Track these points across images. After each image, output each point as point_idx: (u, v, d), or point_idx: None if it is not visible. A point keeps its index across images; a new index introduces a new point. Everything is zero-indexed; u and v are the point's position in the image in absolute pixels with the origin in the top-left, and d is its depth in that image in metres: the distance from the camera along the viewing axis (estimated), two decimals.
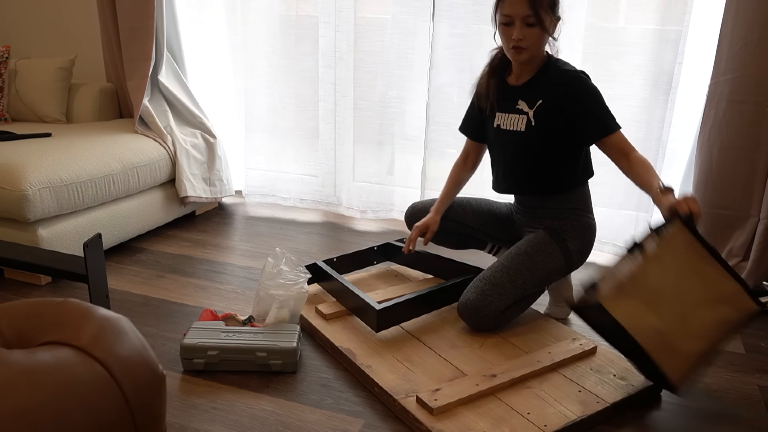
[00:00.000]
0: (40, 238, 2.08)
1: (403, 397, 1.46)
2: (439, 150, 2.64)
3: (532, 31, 1.67)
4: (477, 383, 1.49)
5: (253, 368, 1.63)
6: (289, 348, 1.61)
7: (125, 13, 2.68)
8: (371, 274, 2.19)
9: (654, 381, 1.52)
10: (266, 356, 1.61)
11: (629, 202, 2.42)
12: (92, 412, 1.00)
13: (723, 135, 2.11)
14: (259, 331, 1.66)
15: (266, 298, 1.73)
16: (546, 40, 1.73)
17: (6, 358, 0.98)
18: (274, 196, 3.05)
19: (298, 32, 2.78)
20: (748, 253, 2.13)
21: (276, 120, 2.94)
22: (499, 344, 1.72)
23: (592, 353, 1.70)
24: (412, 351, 1.68)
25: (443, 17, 2.48)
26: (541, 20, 1.66)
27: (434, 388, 1.46)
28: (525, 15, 1.65)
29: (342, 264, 2.13)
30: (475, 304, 1.73)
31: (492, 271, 1.77)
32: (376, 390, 1.53)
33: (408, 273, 2.22)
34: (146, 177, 2.49)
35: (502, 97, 1.85)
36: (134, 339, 1.15)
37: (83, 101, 2.96)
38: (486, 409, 1.42)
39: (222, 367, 1.63)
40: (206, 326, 1.69)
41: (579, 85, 1.71)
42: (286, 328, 1.68)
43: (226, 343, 1.61)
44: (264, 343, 1.61)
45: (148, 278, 2.21)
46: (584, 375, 1.59)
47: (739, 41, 2.02)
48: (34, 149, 2.22)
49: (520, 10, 1.65)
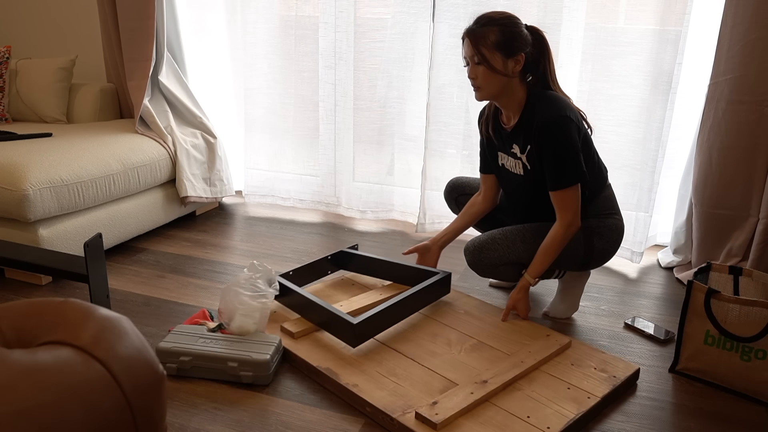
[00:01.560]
0: (41, 238, 2.08)
1: (401, 415, 1.41)
2: (439, 150, 2.65)
3: (480, 69, 1.73)
4: (471, 392, 1.47)
5: (225, 378, 1.58)
6: (261, 360, 1.54)
7: (125, 14, 2.68)
8: (327, 284, 2.10)
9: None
10: (237, 367, 1.54)
11: (629, 202, 2.43)
12: (93, 412, 1.00)
13: (722, 135, 2.11)
14: (237, 340, 1.61)
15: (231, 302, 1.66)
16: (500, 79, 1.73)
17: (6, 358, 0.98)
18: (274, 197, 3.05)
19: (298, 32, 2.78)
20: (747, 253, 2.14)
21: (276, 120, 2.94)
22: (478, 348, 1.71)
23: (568, 347, 1.73)
24: (394, 364, 1.62)
25: (443, 17, 2.49)
26: (485, 59, 1.70)
27: (431, 402, 1.42)
28: (471, 54, 1.73)
29: (299, 277, 2.01)
30: (482, 244, 1.82)
31: (511, 228, 1.84)
32: (367, 410, 1.47)
33: (364, 281, 2.15)
34: (146, 177, 2.49)
35: (500, 139, 1.90)
36: (135, 339, 1.15)
37: (84, 101, 2.97)
38: (486, 418, 1.41)
39: (194, 373, 1.59)
40: (187, 330, 1.65)
41: (546, 136, 1.70)
42: (265, 339, 1.62)
43: (200, 350, 1.57)
44: (237, 353, 1.55)
45: (148, 278, 2.22)
46: (567, 371, 1.61)
47: (739, 41, 2.02)
48: (35, 149, 2.22)
49: (467, 51, 1.74)
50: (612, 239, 1.83)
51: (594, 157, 1.82)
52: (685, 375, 1.69)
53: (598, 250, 1.82)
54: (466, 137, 2.60)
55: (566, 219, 1.74)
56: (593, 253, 1.82)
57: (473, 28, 1.72)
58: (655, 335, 1.87)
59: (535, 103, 1.75)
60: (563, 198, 1.73)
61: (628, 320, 1.97)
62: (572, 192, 1.73)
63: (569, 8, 2.31)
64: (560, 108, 1.71)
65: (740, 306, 1.56)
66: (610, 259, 1.87)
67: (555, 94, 1.76)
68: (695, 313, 1.63)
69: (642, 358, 1.77)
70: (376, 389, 1.51)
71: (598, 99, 2.38)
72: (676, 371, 1.70)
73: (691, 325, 1.65)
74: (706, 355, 1.62)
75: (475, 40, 1.70)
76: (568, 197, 1.73)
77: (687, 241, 2.36)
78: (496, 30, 1.69)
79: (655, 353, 1.80)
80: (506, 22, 1.71)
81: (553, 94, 1.76)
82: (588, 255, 1.82)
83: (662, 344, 1.85)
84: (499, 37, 1.69)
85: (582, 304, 2.09)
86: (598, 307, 2.08)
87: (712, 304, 1.60)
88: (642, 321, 1.96)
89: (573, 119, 1.71)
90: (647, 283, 2.29)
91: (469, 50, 1.73)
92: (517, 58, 1.72)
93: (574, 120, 1.71)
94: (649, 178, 2.33)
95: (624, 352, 1.80)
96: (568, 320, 1.97)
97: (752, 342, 1.54)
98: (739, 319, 1.56)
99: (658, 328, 1.92)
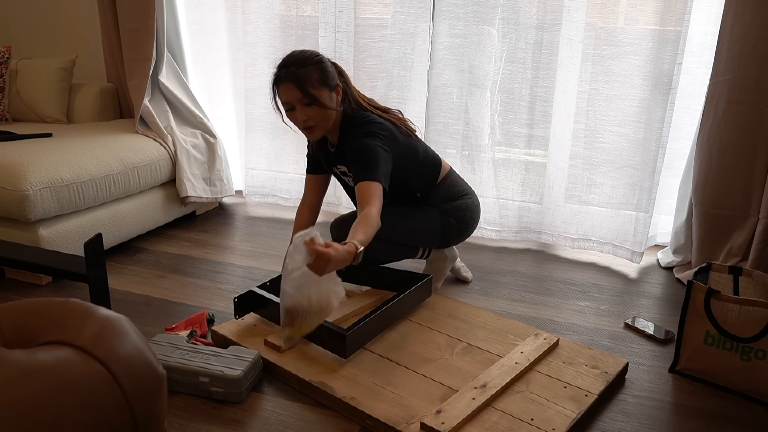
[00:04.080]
0: (41, 237, 2.08)
1: (405, 426, 1.37)
2: (438, 150, 2.65)
3: (312, 109, 1.74)
4: (473, 397, 1.45)
5: (196, 392, 1.51)
6: (232, 376, 1.47)
7: (126, 14, 2.68)
8: None
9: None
10: (208, 382, 1.48)
11: (629, 203, 2.43)
12: (93, 412, 1.00)
13: (722, 135, 2.11)
14: (215, 353, 1.55)
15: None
16: (330, 114, 1.79)
17: (6, 358, 0.99)
18: (274, 196, 3.05)
19: (298, 32, 2.78)
20: (747, 253, 2.14)
21: (276, 120, 2.94)
22: (469, 351, 1.70)
23: (557, 345, 1.73)
24: (388, 373, 1.58)
25: (443, 17, 2.49)
26: (316, 98, 1.73)
27: (434, 411, 1.40)
28: (299, 98, 1.73)
29: (277, 287, 1.89)
30: (344, 218, 2.06)
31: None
32: (368, 422, 1.42)
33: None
34: (147, 177, 2.50)
35: (326, 160, 1.98)
36: (135, 339, 1.15)
37: (84, 101, 2.97)
38: (491, 423, 1.40)
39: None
40: (166, 340, 1.61)
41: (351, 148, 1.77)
42: (242, 354, 1.55)
43: (173, 362, 1.51)
44: (209, 368, 1.49)
45: (148, 278, 2.22)
46: (560, 369, 1.62)
47: (739, 41, 2.02)
48: (35, 149, 2.22)
49: (292, 95, 1.73)
50: (466, 216, 2.03)
51: (419, 154, 1.95)
52: (685, 375, 1.69)
53: (455, 228, 2.01)
54: (465, 137, 2.60)
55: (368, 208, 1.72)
56: (450, 230, 2.01)
57: (293, 71, 1.71)
58: (655, 335, 1.87)
59: (349, 124, 1.83)
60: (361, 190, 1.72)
61: (628, 320, 1.97)
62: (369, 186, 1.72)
63: (569, 8, 2.31)
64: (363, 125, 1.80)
65: (740, 306, 1.56)
66: (469, 234, 2.08)
67: (362, 115, 1.83)
68: (695, 313, 1.63)
69: (642, 358, 1.77)
70: (374, 401, 1.46)
71: (598, 99, 2.38)
72: (676, 371, 1.70)
73: (691, 325, 1.65)
74: (706, 355, 1.62)
75: (299, 82, 1.71)
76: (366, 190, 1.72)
77: (687, 241, 2.36)
78: (314, 68, 1.74)
79: (655, 353, 1.80)
80: (317, 58, 1.76)
81: (360, 114, 1.84)
82: (446, 233, 2.00)
83: (662, 344, 1.85)
84: (320, 74, 1.74)
85: (582, 304, 2.09)
86: (598, 307, 2.08)
87: (712, 304, 1.60)
88: (642, 321, 1.96)
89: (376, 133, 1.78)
90: (647, 283, 2.29)
91: (294, 94, 1.72)
92: (336, 90, 1.79)
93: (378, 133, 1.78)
94: (649, 178, 2.33)
95: (624, 352, 1.80)
96: (561, 320, 1.97)
97: (752, 342, 1.54)
98: (739, 319, 1.56)
99: (658, 328, 1.92)
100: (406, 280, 1.94)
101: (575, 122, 2.44)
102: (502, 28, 2.42)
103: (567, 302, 2.11)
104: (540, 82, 2.44)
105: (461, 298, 2.10)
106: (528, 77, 2.45)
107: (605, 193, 2.48)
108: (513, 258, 2.50)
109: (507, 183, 2.62)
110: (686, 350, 1.67)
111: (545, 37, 2.38)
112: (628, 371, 1.69)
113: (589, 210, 2.53)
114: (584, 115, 2.42)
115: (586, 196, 2.52)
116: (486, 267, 2.40)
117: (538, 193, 2.60)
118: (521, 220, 2.63)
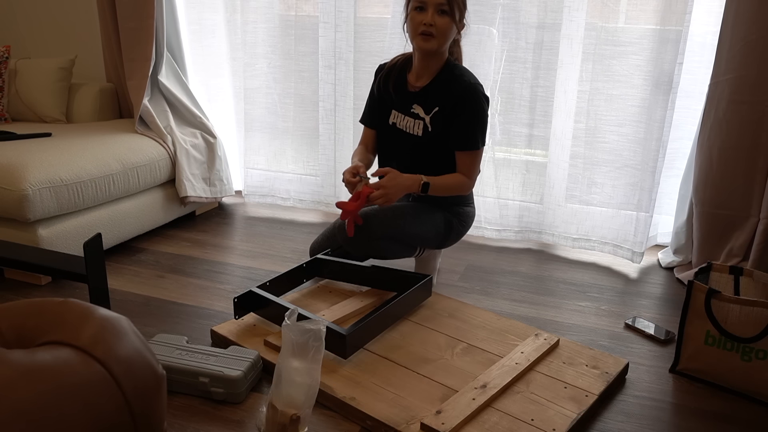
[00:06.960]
0: (40, 238, 2.08)
1: (405, 426, 1.37)
2: None
3: (444, 20, 1.75)
4: (473, 398, 1.45)
5: (196, 393, 1.51)
6: (232, 377, 1.47)
7: (125, 13, 2.68)
8: (303, 293, 2.02)
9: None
10: (208, 383, 1.48)
11: (629, 202, 2.43)
12: (92, 412, 1.00)
13: (723, 135, 2.11)
14: (214, 354, 1.55)
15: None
16: (453, 34, 1.81)
17: (6, 358, 0.98)
18: (273, 197, 3.05)
19: (298, 32, 2.78)
20: (747, 253, 2.13)
21: (275, 120, 2.94)
22: (469, 351, 1.70)
23: (557, 346, 1.73)
24: (388, 373, 1.58)
25: None
26: (453, 11, 1.74)
27: (434, 411, 1.39)
28: (439, 2, 1.73)
29: (276, 287, 1.91)
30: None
31: (382, 207, 1.90)
32: (368, 423, 1.41)
33: (341, 287, 2.07)
34: (146, 177, 2.49)
35: (399, 97, 1.93)
36: (134, 339, 1.15)
37: (83, 101, 2.96)
38: (491, 424, 1.39)
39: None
40: (166, 340, 1.61)
41: (470, 100, 1.80)
42: (242, 354, 1.56)
43: (172, 362, 1.51)
44: (209, 368, 1.49)
45: (148, 278, 2.21)
46: (560, 370, 1.62)
47: (739, 41, 2.02)
48: (34, 149, 2.22)
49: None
50: (467, 224, 2.09)
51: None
52: (685, 375, 1.68)
53: (455, 232, 2.06)
54: None
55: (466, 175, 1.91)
56: (451, 233, 2.05)
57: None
58: (656, 335, 1.87)
59: (453, 69, 1.83)
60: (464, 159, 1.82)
61: (628, 320, 1.96)
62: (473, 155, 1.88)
63: (569, 8, 2.31)
64: (477, 81, 1.86)
65: (741, 306, 1.56)
66: (460, 238, 2.12)
67: (468, 71, 1.88)
68: (696, 313, 1.63)
69: (642, 358, 1.77)
70: (374, 401, 1.46)
71: (599, 99, 2.38)
72: (677, 371, 1.70)
73: (691, 325, 1.64)
74: (707, 356, 1.62)
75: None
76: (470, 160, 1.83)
77: (687, 241, 2.36)
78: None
79: (656, 353, 1.79)
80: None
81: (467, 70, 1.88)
82: (447, 234, 2.04)
83: (663, 344, 1.85)
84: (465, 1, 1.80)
85: (582, 304, 2.09)
86: (599, 307, 2.08)
87: (713, 305, 1.60)
88: (642, 321, 1.96)
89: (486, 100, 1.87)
90: (648, 284, 2.29)
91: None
92: (464, 22, 1.81)
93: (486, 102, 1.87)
94: (650, 178, 2.33)
95: (624, 352, 1.80)
96: (562, 320, 1.97)
97: (753, 342, 1.54)
98: (739, 320, 1.56)
99: (659, 328, 1.92)
100: (406, 280, 1.93)
101: (576, 122, 2.44)
102: (503, 27, 2.41)
103: (567, 302, 2.11)
104: (540, 81, 2.44)
105: (461, 298, 2.10)
106: (528, 77, 2.45)
107: (606, 193, 2.48)
108: (513, 258, 2.50)
109: (507, 183, 2.62)
110: (687, 350, 1.66)
111: (546, 37, 2.38)
112: (628, 371, 1.69)
113: (589, 210, 2.53)
114: (585, 115, 2.42)
115: (586, 196, 2.52)
116: (486, 267, 2.40)
117: (539, 192, 2.60)
118: (521, 220, 2.63)
